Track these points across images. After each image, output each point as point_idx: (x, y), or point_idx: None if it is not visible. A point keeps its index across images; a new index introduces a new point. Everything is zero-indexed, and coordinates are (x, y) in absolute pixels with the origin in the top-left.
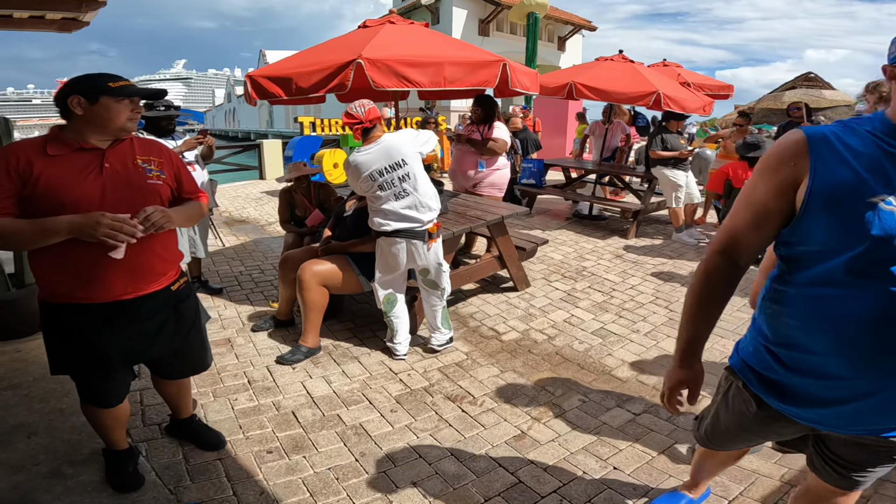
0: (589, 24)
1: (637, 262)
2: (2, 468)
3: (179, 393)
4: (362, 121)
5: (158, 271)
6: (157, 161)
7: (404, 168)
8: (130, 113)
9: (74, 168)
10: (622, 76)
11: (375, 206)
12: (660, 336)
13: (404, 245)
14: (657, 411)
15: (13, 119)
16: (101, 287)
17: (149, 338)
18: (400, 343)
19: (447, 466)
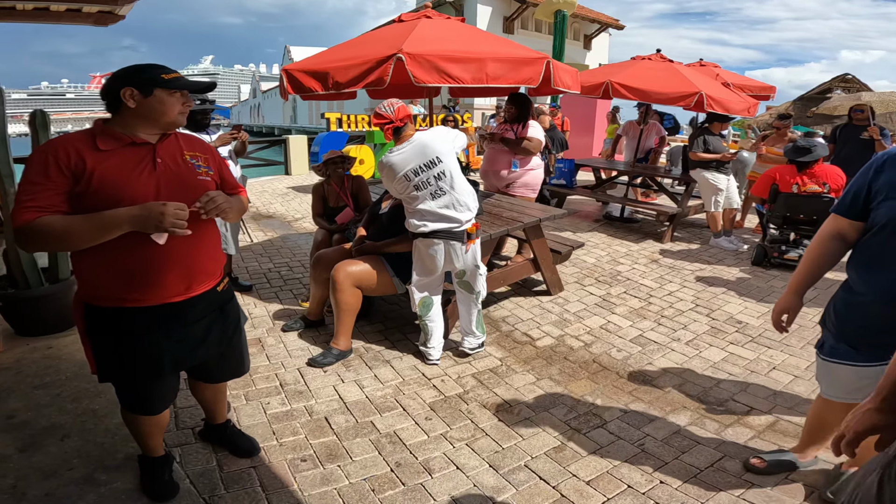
0: (616, 23)
1: (674, 268)
2: (34, 473)
3: (216, 398)
4: (392, 120)
5: (209, 271)
6: (203, 157)
7: (439, 166)
8: (182, 107)
9: (128, 163)
10: (661, 76)
11: (412, 207)
12: (702, 345)
13: (442, 246)
14: (703, 423)
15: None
16: (156, 288)
17: (198, 341)
18: (433, 347)
19: (486, 479)
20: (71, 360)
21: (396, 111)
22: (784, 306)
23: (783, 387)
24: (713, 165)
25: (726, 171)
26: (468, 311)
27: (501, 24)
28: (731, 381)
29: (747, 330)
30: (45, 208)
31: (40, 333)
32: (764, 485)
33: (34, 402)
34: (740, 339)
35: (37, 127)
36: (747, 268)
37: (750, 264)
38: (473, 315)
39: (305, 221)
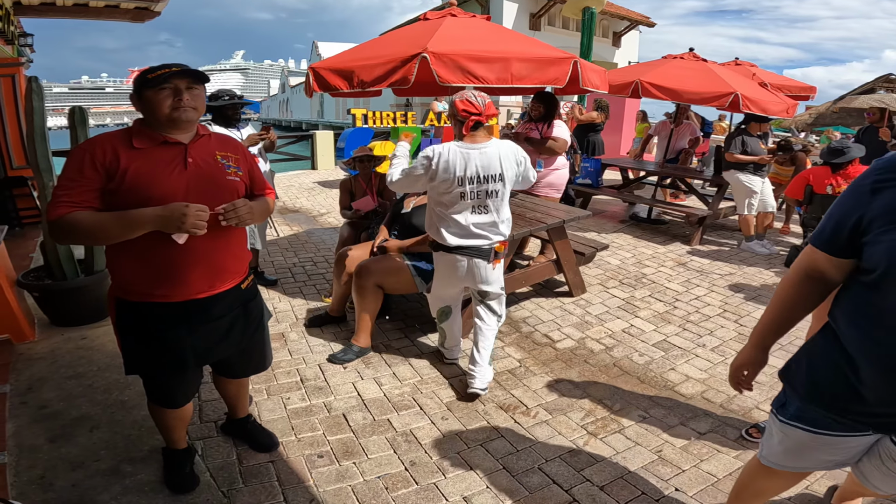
0: (647, 20)
1: (702, 271)
2: (62, 464)
3: (238, 392)
4: (481, 113)
5: (234, 270)
6: (234, 157)
7: (497, 184)
8: (173, 101)
9: (160, 162)
10: (694, 75)
11: (444, 213)
12: (728, 352)
13: (466, 263)
14: (724, 431)
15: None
16: (181, 285)
17: (220, 337)
18: (452, 347)
19: (499, 480)
20: (103, 350)
21: (487, 106)
22: (743, 361)
23: None
24: (749, 167)
25: (762, 174)
26: (486, 337)
27: (528, 21)
28: (757, 389)
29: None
30: (77, 204)
31: (75, 324)
32: (782, 494)
33: (66, 392)
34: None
35: (75, 123)
36: (781, 271)
37: (783, 267)
38: (491, 344)
39: (331, 216)
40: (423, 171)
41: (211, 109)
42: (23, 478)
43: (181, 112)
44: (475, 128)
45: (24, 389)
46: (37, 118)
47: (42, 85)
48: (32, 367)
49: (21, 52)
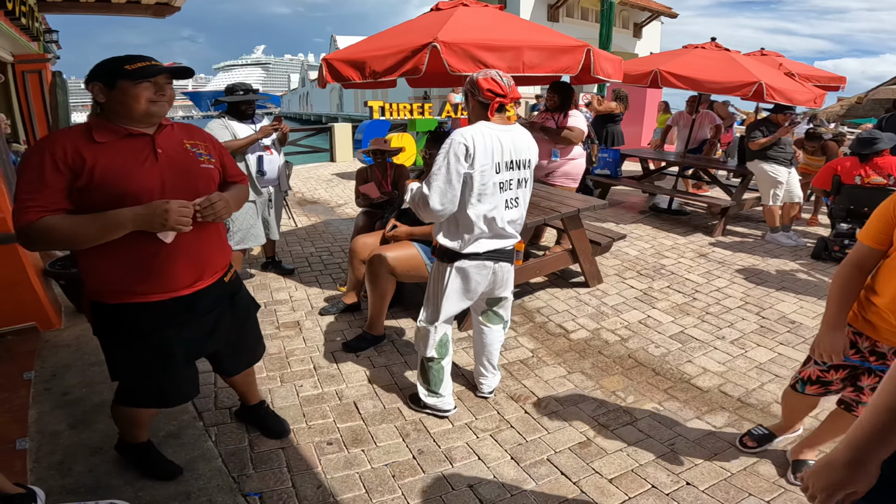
0: (668, 11)
1: (724, 263)
2: (81, 449)
3: (245, 380)
4: (507, 94)
5: (217, 262)
6: (203, 145)
7: (526, 172)
8: (153, 95)
9: (129, 155)
10: (716, 64)
11: (475, 212)
12: (748, 344)
13: (491, 269)
14: (740, 425)
15: None
16: (165, 280)
17: (208, 333)
18: (447, 395)
19: (506, 470)
20: None
21: (512, 88)
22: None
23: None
24: (774, 157)
25: (787, 164)
26: (493, 345)
27: (546, 12)
28: (777, 383)
29: (800, 330)
30: (46, 207)
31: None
32: (797, 491)
33: (89, 379)
34: (792, 340)
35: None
36: (807, 263)
37: (809, 259)
38: (497, 348)
39: (348, 207)
40: (463, 157)
41: (226, 103)
42: (42, 463)
43: (159, 107)
44: (500, 110)
45: (49, 376)
46: (61, 111)
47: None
48: (57, 355)
49: (47, 48)
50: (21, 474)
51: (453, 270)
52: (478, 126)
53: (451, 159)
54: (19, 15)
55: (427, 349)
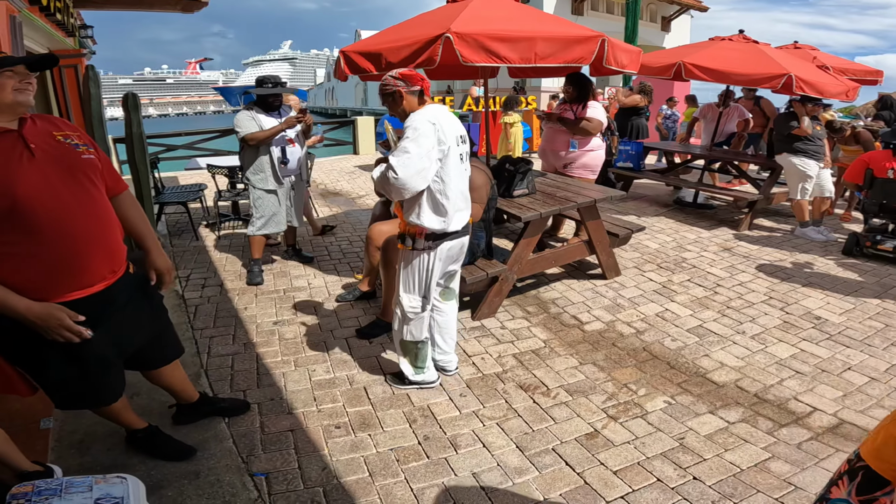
0: (698, 4)
1: (749, 257)
2: (101, 429)
3: (178, 376)
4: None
5: (123, 252)
6: (75, 135)
7: (467, 144)
8: (18, 84)
9: (2, 155)
10: (743, 56)
11: (452, 185)
12: (769, 339)
13: (462, 242)
14: (755, 421)
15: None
16: (84, 274)
17: (134, 326)
18: (431, 368)
19: (510, 459)
20: None
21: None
22: None
23: (856, 388)
24: (804, 150)
25: (818, 157)
26: (452, 323)
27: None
28: (797, 379)
29: (825, 326)
30: None
31: None
32: (808, 489)
33: None
34: (815, 336)
35: (129, 108)
36: (837, 259)
37: (839, 255)
38: (455, 323)
39: (369, 199)
40: (435, 138)
41: (255, 94)
42: (63, 442)
43: (25, 96)
44: (421, 96)
45: None
46: (94, 104)
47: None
48: None
49: (82, 43)
50: (42, 453)
51: (436, 252)
52: (433, 107)
53: (423, 137)
54: (54, 10)
55: (422, 332)
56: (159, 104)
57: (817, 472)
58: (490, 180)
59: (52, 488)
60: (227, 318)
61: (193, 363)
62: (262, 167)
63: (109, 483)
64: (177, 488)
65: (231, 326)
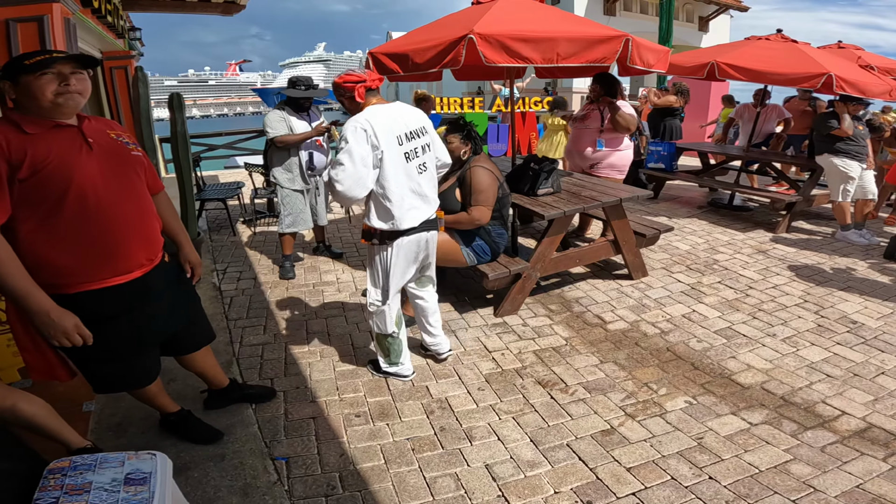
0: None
1: (785, 260)
2: (138, 412)
3: (210, 362)
4: (365, 80)
5: (160, 241)
6: (125, 134)
7: (426, 137)
8: (58, 87)
9: (64, 146)
10: (781, 56)
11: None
12: (802, 343)
13: (425, 238)
14: (779, 423)
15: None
16: (124, 260)
17: (168, 312)
18: (407, 363)
19: (523, 452)
20: None
21: (369, 74)
22: None
23: (888, 393)
24: (845, 151)
25: (860, 159)
26: (434, 308)
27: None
28: (827, 383)
29: (861, 331)
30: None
31: None
32: (828, 491)
33: None
34: (850, 341)
35: (174, 107)
36: (878, 263)
37: (881, 258)
38: (438, 309)
39: None
40: (365, 141)
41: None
42: (102, 424)
43: (67, 98)
44: (370, 93)
45: None
46: (142, 103)
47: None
48: None
49: (131, 45)
50: (82, 434)
51: (394, 249)
52: (368, 109)
53: (354, 145)
54: (105, 13)
55: (387, 327)
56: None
57: (839, 475)
58: (498, 180)
59: (87, 463)
60: (259, 309)
61: (226, 351)
62: (291, 167)
63: (140, 459)
64: (202, 469)
65: (263, 318)
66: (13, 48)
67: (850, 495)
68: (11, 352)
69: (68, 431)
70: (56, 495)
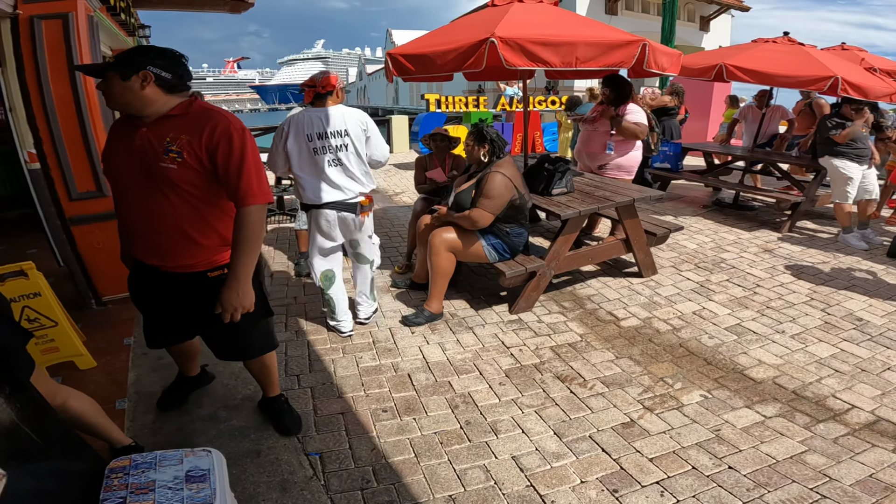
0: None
1: (790, 259)
2: (172, 409)
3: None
4: (315, 85)
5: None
6: (186, 139)
7: (345, 139)
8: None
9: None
10: (788, 58)
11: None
12: (810, 339)
13: (335, 216)
14: (792, 416)
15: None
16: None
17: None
18: (343, 320)
19: (548, 444)
20: None
21: (322, 80)
22: None
23: (894, 388)
24: (845, 153)
25: (861, 161)
26: (363, 280)
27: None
28: (836, 378)
29: (867, 328)
30: None
31: None
32: (843, 480)
33: None
34: (856, 337)
35: None
36: (882, 261)
37: (885, 257)
38: (367, 283)
39: (405, 196)
40: (283, 135)
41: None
42: (137, 422)
43: (110, 104)
44: (317, 98)
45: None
46: None
47: None
48: None
49: (140, 43)
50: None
51: (310, 217)
52: (296, 111)
53: (275, 137)
54: (119, 10)
55: (315, 277)
56: None
57: (853, 465)
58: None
59: (147, 461)
60: (278, 306)
61: None
62: None
63: (197, 456)
64: (240, 466)
65: (283, 315)
66: (38, 46)
67: (864, 484)
68: (39, 350)
69: (114, 429)
70: (122, 495)
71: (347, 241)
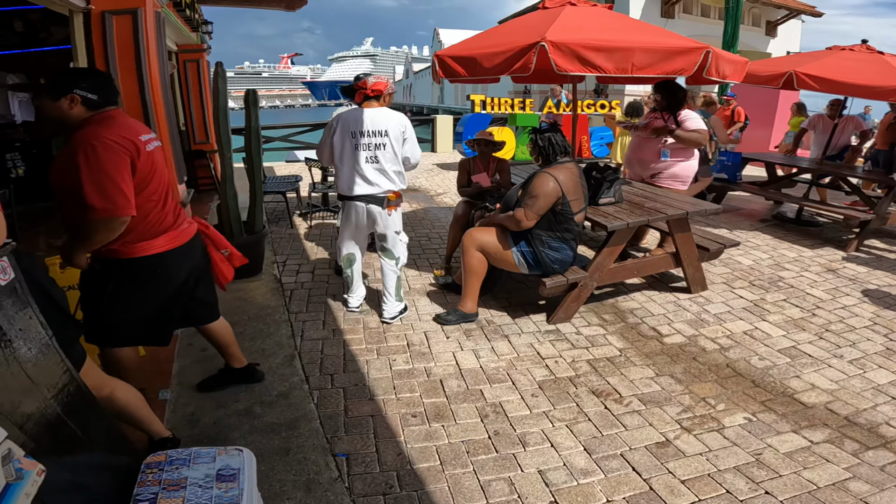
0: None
1: (856, 280)
2: (210, 403)
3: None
4: (366, 87)
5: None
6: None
7: (384, 138)
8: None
9: None
10: (865, 67)
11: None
12: (870, 365)
13: (364, 208)
14: (841, 442)
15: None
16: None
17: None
18: (353, 296)
19: (577, 460)
20: (254, 302)
21: (374, 84)
22: None
23: None
24: None
25: None
26: (389, 278)
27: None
28: (893, 405)
29: None
30: None
31: (236, 278)
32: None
33: None
34: None
35: (249, 103)
36: None
37: None
38: (393, 282)
39: (447, 196)
40: (331, 129)
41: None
42: (177, 413)
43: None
44: (366, 99)
45: (192, 332)
46: (221, 98)
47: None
48: None
49: (203, 39)
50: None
51: (343, 207)
52: (343, 109)
53: (325, 131)
54: (184, 6)
55: (339, 259)
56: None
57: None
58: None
59: (182, 458)
60: (317, 303)
61: (289, 345)
62: None
63: (229, 454)
64: (268, 464)
65: (321, 312)
66: (108, 40)
67: None
68: None
69: (154, 421)
70: (155, 490)
71: (377, 235)
